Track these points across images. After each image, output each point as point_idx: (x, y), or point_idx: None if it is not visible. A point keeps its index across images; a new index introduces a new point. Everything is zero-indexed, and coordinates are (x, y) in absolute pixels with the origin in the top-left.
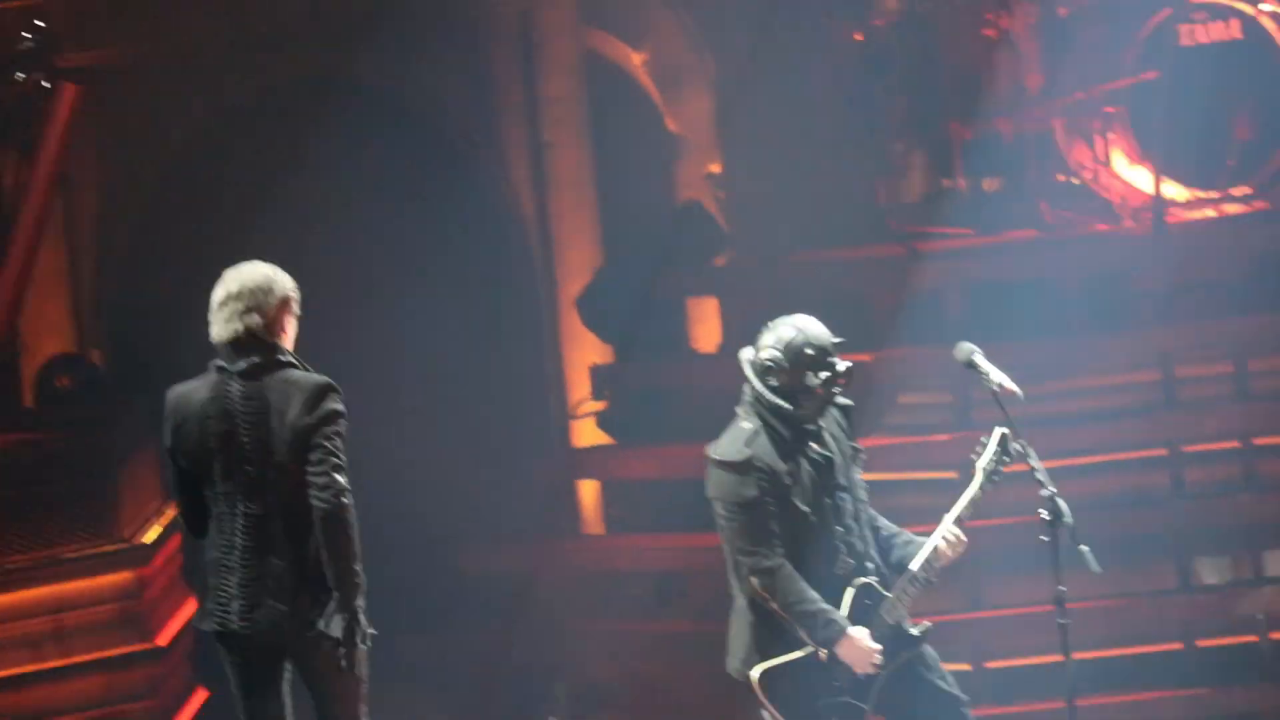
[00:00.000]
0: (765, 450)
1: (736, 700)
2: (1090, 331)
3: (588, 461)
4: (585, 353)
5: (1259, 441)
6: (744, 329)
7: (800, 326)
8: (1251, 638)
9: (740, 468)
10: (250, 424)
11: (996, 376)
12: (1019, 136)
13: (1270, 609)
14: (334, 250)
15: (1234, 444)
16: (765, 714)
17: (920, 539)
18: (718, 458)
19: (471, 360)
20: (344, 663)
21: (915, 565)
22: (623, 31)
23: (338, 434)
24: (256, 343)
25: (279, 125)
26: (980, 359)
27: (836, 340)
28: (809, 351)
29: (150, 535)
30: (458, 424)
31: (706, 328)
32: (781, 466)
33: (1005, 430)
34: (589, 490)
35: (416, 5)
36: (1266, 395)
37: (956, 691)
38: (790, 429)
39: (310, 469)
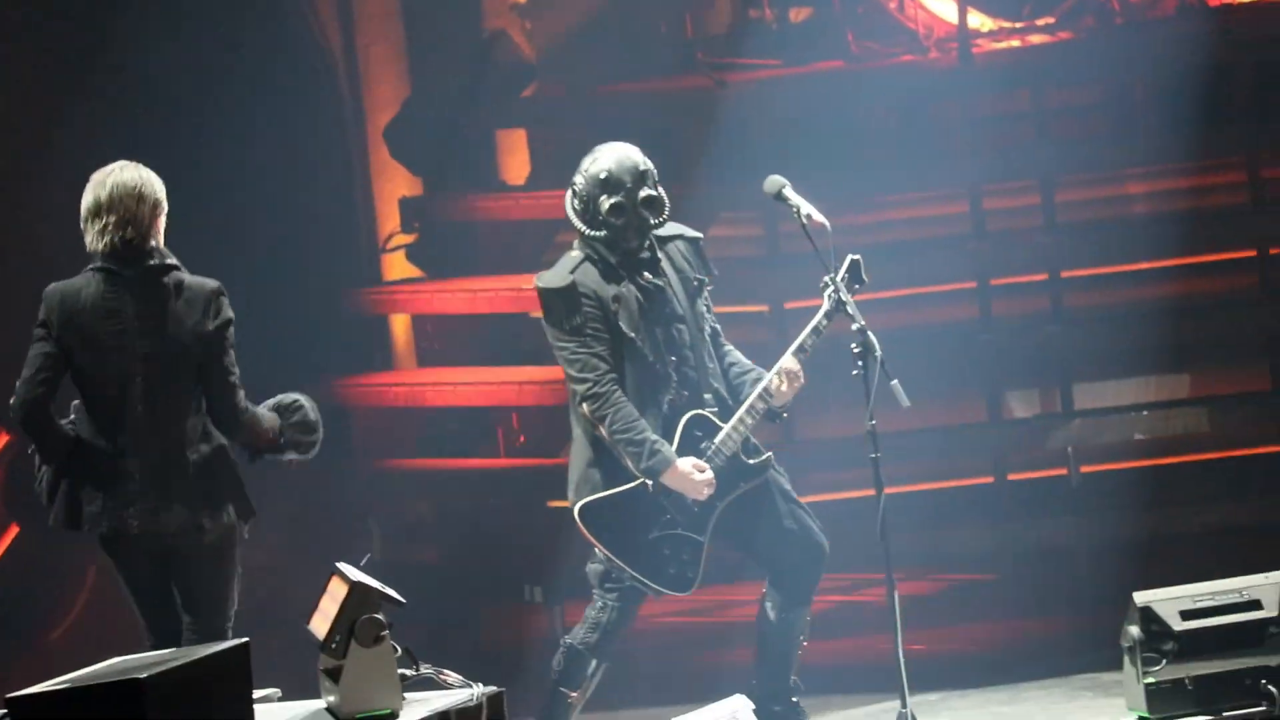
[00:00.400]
0: (590, 276)
1: (576, 534)
2: (897, 163)
3: (399, 295)
4: (395, 185)
5: (1067, 274)
6: (552, 161)
7: (600, 151)
8: (1060, 470)
9: (564, 293)
10: (148, 329)
11: (805, 209)
12: None
13: (1079, 442)
14: (131, 89)
15: (1042, 275)
16: (595, 549)
17: (764, 372)
18: (543, 285)
19: (279, 195)
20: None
21: (754, 396)
22: None
23: (232, 344)
24: (136, 252)
25: None
26: (789, 191)
27: (643, 167)
28: (603, 176)
29: None
30: (265, 259)
31: (516, 160)
32: (607, 292)
33: (857, 257)
34: (400, 325)
35: None
36: (1073, 228)
37: (809, 518)
38: (616, 255)
39: (211, 382)
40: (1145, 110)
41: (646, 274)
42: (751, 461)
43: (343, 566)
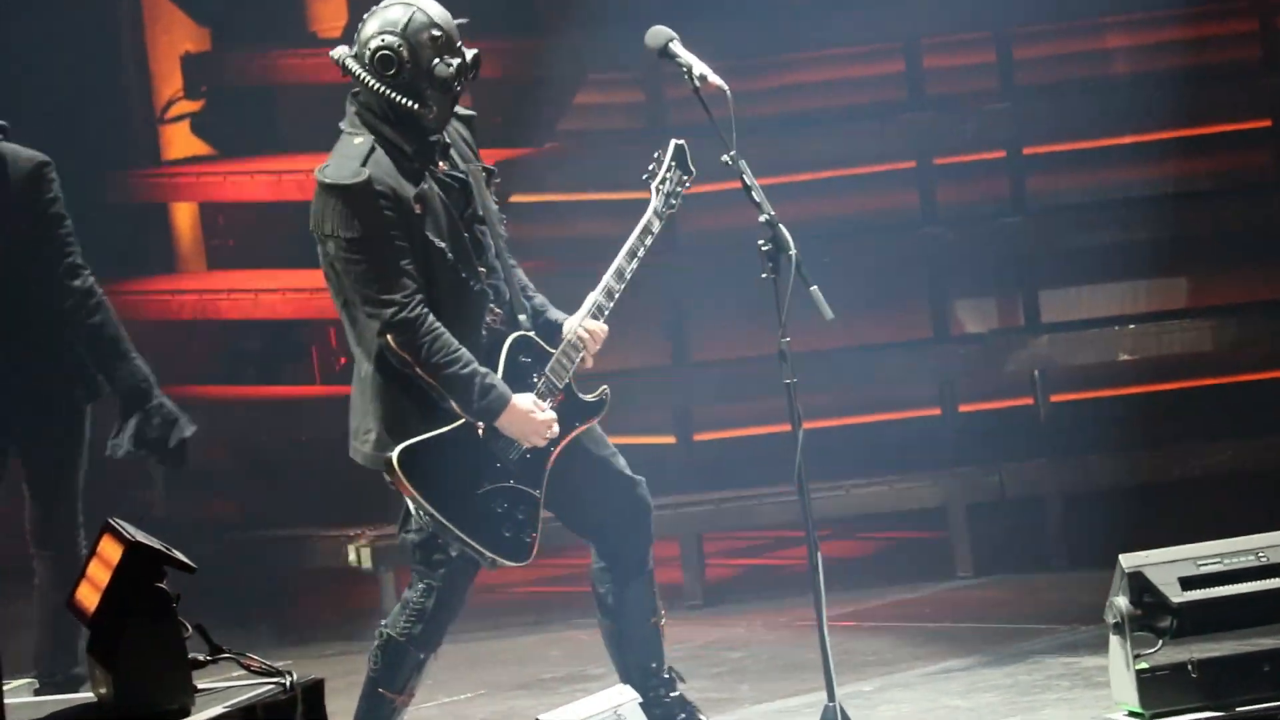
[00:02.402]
0: (386, 169)
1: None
2: (814, 10)
3: (181, 178)
4: (174, 38)
5: (1030, 151)
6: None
7: (417, 4)
8: (1025, 400)
9: (357, 193)
10: None
11: (699, 68)
12: None
13: (1047, 365)
14: None
15: (998, 154)
16: (409, 503)
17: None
18: (329, 181)
19: (24, 52)
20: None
21: (586, 313)
22: None
23: (65, 217)
24: None
25: None
26: (678, 46)
27: (460, 21)
28: (435, 33)
29: None
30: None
31: (329, 7)
32: (408, 190)
33: (681, 142)
34: (185, 215)
35: None
36: (1037, 92)
37: (628, 471)
38: (413, 143)
39: (51, 259)
40: None
41: (443, 164)
42: (588, 398)
43: (116, 523)
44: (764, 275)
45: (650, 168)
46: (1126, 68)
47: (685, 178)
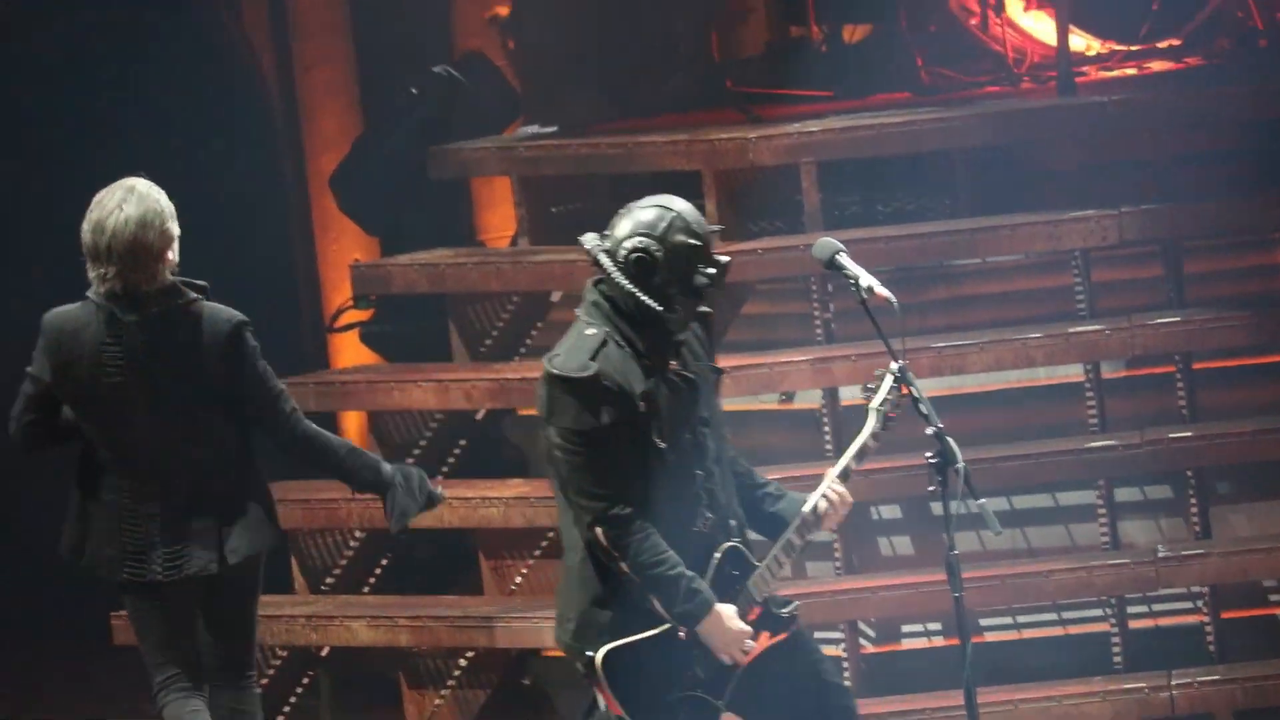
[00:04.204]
0: (616, 365)
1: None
2: (983, 223)
3: (349, 387)
4: (344, 247)
5: (1200, 365)
6: (543, 217)
7: (675, 209)
8: (1198, 617)
9: (585, 386)
10: (158, 378)
11: (866, 280)
12: None
13: (1219, 579)
14: (36, 111)
15: (1168, 368)
16: (600, 700)
17: (794, 494)
18: (556, 371)
19: (198, 256)
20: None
21: (792, 530)
22: None
23: (265, 365)
24: (139, 294)
25: None
26: (845, 258)
27: (714, 227)
28: (692, 241)
29: None
30: None
31: (497, 215)
32: (636, 388)
33: (903, 362)
34: (353, 423)
35: None
36: (1207, 305)
37: (837, 681)
38: (648, 340)
39: (259, 406)
40: None
41: (674, 363)
42: (780, 612)
43: None
44: (930, 488)
45: (869, 385)
46: None
47: (904, 401)
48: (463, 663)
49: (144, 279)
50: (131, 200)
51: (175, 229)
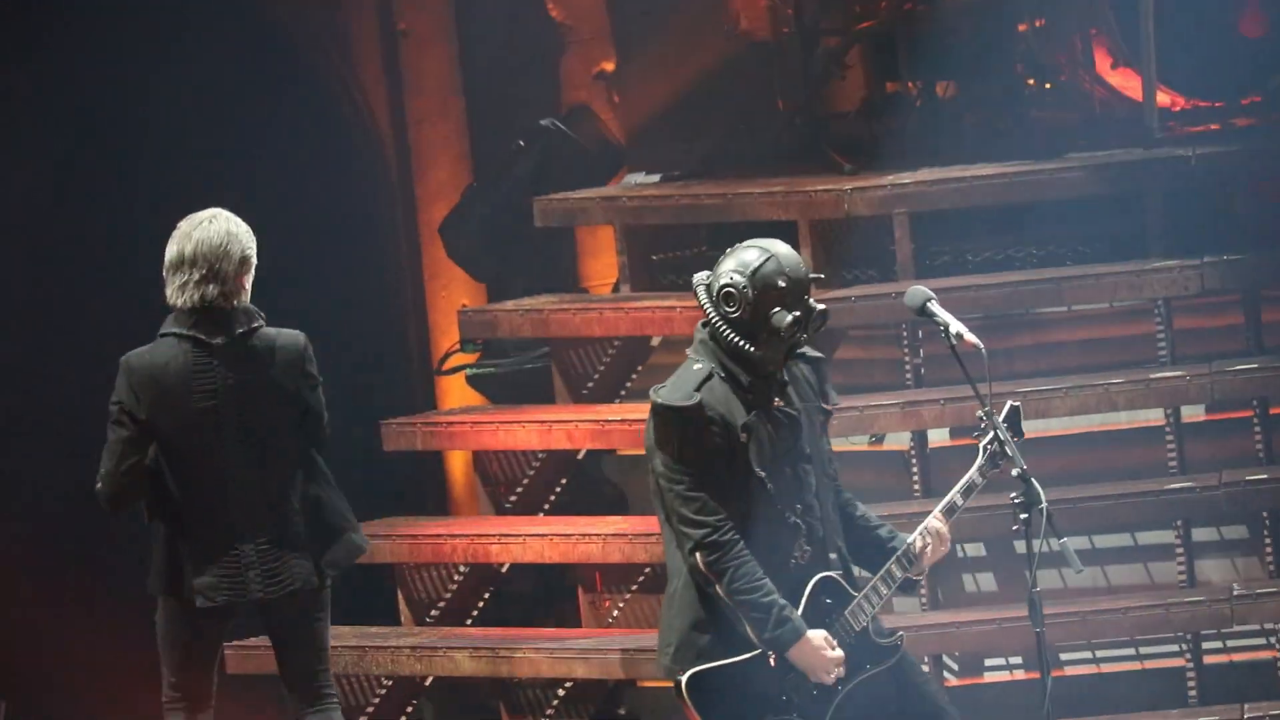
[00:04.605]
0: (719, 397)
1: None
2: (1069, 272)
3: (456, 427)
4: (453, 294)
5: (1277, 411)
6: (644, 265)
7: (773, 251)
8: (1269, 653)
9: (689, 415)
10: (247, 401)
11: (955, 327)
12: (980, 30)
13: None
14: (150, 169)
15: (1246, 412)
16: None
17: (903, 535)
18: (662, 401)
19: (312, 299)
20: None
21: (892, 562)
22: None
23: (320, 385)
24: (222, 314)
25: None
26: (935, 306)
27: (814, 275)
28: (781, 283)
29: None
30: None
31: (601, 263)
32: (738, 420)
33: (1017, 404)
34: (458, 462)
35: None
36: (1279, 350)
37: (941, 702)
38: (751, 375)
39: (309, 430)
40: None
41: (778, 400)
42: (882, 641)
43: None
44: (1014, 528)
45: (981, 423)
46: None
47: (1015, 439)
48: (561, 693)
49: (223, 295)
50: (220, 218)
51: (254, 258)
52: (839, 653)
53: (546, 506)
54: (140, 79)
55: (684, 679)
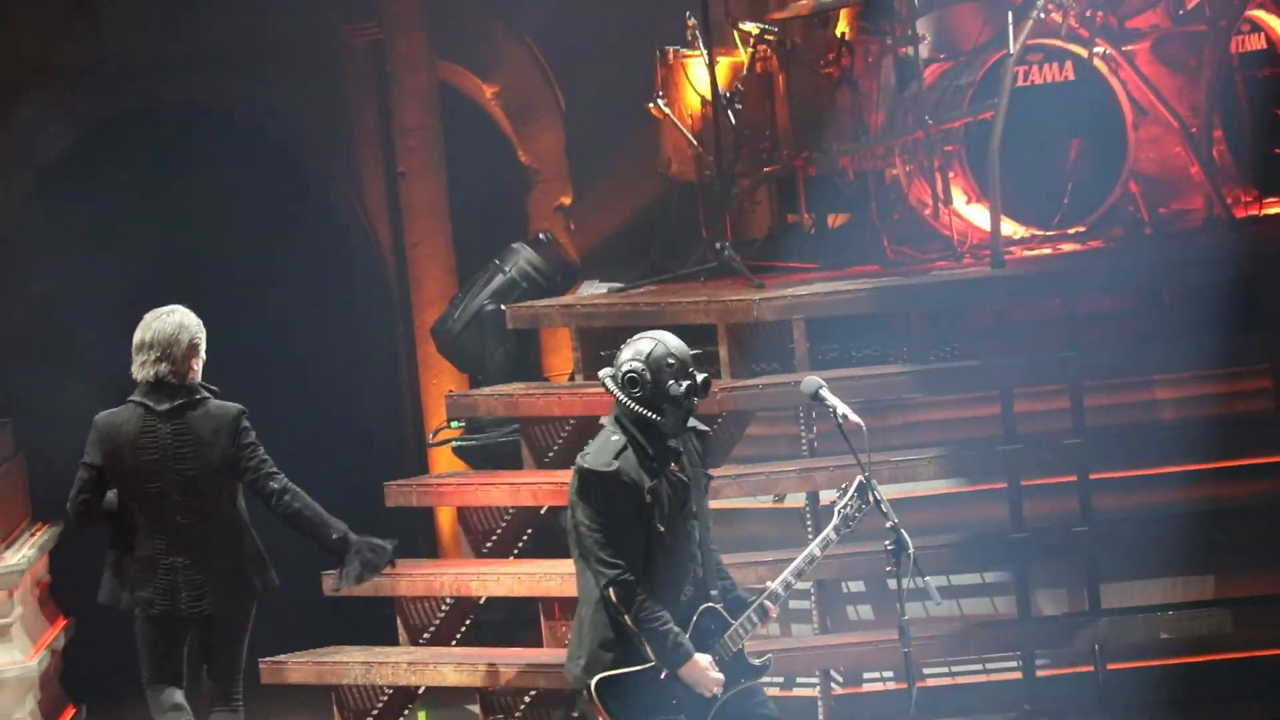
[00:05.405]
0: (631, 465)
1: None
2: (932, 366)
3: (444, 488)
4: (442, 381)
5: (1095, 475)
6: (594, 359)
7: (659, 338)
8: (1087, 668)
9: (608, 480)
10: (181, 455)
11: (841, 409)
12: (861, 174)
13: (1106, 640)
14: (195, 271)
15: (1070, 478)
16: None
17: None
18: (587, 466)
19: (328, 386)
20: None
21: (751, 609)
22: (474, 64)
23: (258, 445)
24: (169, 387)
25: (142, 146)
26: (825, 392)
27: (694, 352)
28: (670, 361)
29: (18, 556)
30: (317, 451)
31: (560, 358)
32: (645, 483)
33: (865, 477)
34: (446, 516)
35: (272, 34)
36: (1102, 431)
37: (772, 716)
38: (654, 445)
39: (253, 477)
40: (1173, 317)
41: (674, 466)
42: (755, 662)
43: None
44: (887, 568)
45: (836, 494)
46: (1171, 412)
47: (863, 506)
48: (527, 699)
49: (173, 373)
50: (177, 312)
51: (202, 346)
52: (719, 675)
53: (516, 551)
54: (200, 211)
55: (592, 684)
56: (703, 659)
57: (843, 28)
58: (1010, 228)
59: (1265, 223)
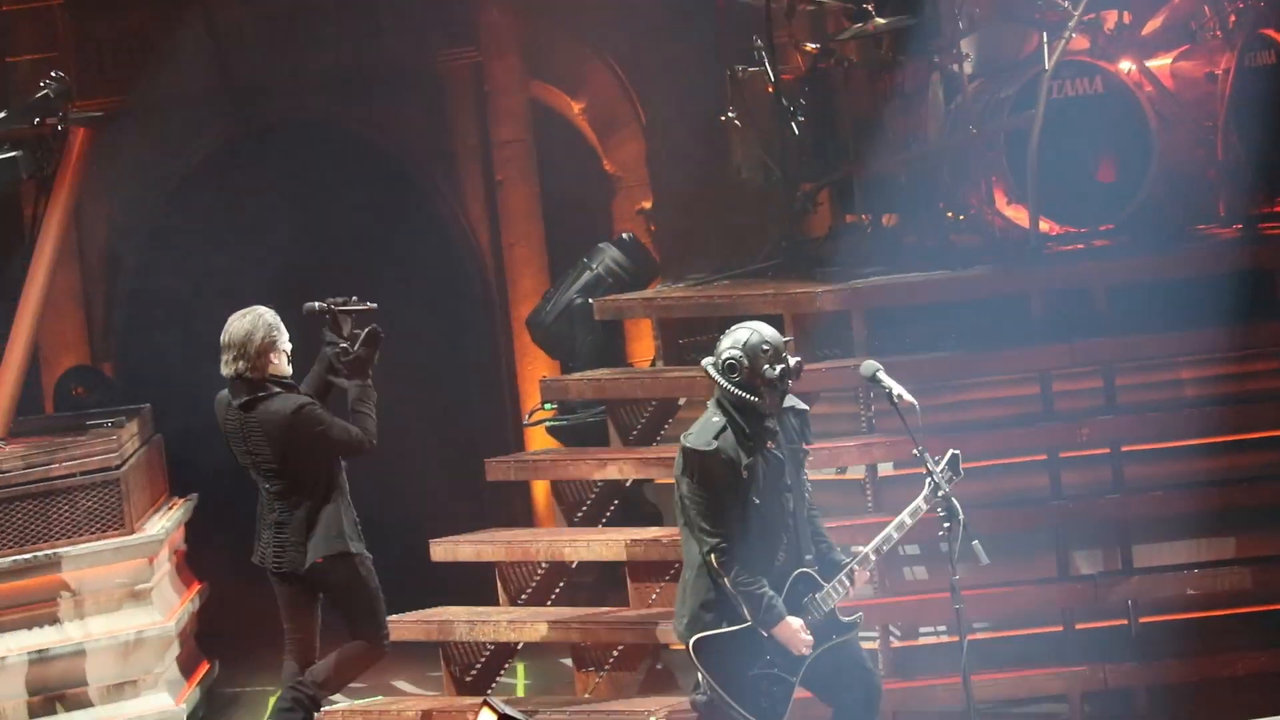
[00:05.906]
0: (730, 444)
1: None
2: (978, 350)
3: (538, 464)
4: (536, 367)
5: (1126, 449)
6: (674, 347)
7: (754, 328)
8: (1121, 621)
9: (708, 457)
10: (252, 440)
11: (896, 389)
12: (914, 177)
13: (1137, 596)
14: (319, 268)
15: (1104, 450)
16: (700, 675)
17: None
18: (689, 445)
19: (435, 372)
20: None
21: (844, 572)
22: (563, 82)
23: (329, 425)
24: (245, 383)
25: (266, 163)
26: (882, 374)
27: (787, 339)
28: (765, 348)
29: (158, 527)
30: (426, 434)
31: (642, 346)
32: (743, 460)
33: (956, 451)
34: (540, 489)
35: (382, 58)
36: (1132, 408)
37: (872, 668)
38: (752, 425)
39: (344, 449)
40: (1195, 306)
41: (770, 444)
42: (845, 619)
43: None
44: (940, 533)
45: (929, 466)
46: (1194, 391)
47: (953, 477)
48: (615, 654)
49: (249, 368)
50: (252, 314)
51: (280, 340)
52: (809, 637)
53: (604, 520)
54: (323, 214)
55: (693, 640)
56: (794, 621)
57: (894, 47)
58: (1046, 225)
59: (1276, 220)
